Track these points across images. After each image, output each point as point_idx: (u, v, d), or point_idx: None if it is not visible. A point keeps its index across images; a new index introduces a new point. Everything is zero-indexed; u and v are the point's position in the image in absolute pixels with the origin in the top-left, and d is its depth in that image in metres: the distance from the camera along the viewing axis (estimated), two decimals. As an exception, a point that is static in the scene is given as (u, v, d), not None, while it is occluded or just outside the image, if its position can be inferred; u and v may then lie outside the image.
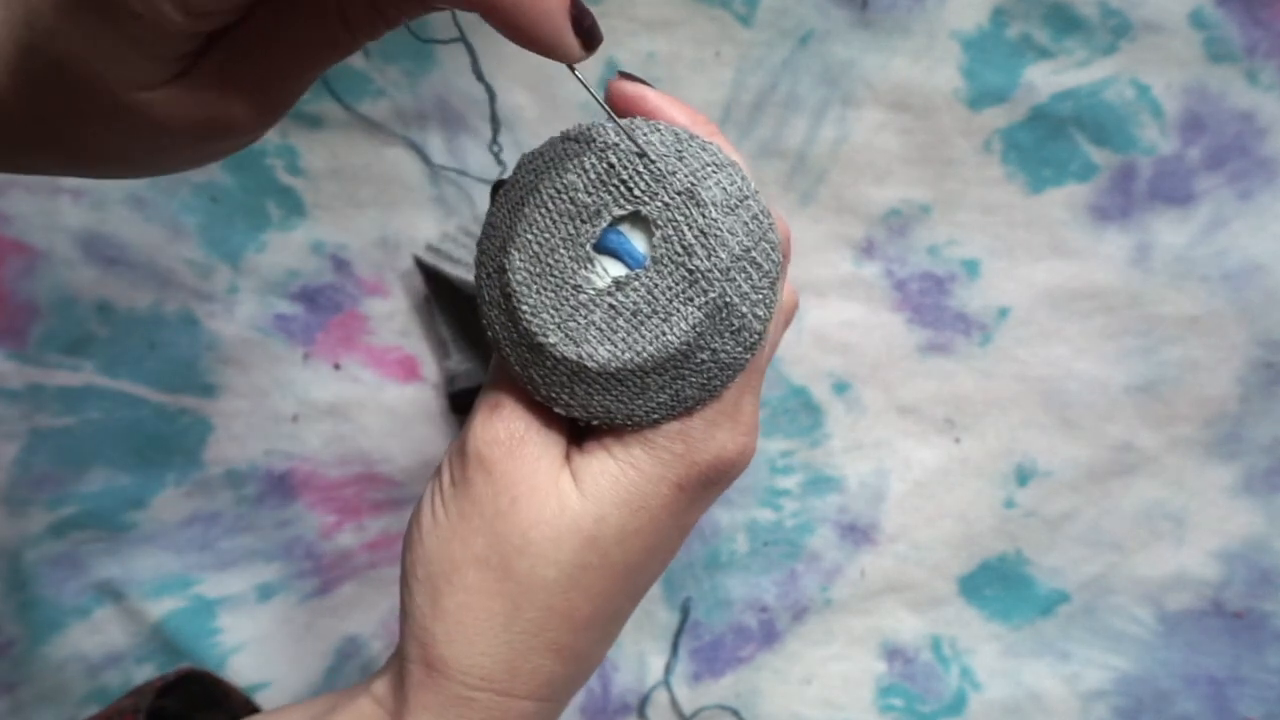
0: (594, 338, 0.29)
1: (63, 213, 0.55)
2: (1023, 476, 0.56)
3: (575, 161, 0.29)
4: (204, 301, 0.56)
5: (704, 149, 0.30)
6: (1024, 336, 0.56)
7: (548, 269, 0.29)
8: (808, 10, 0.55)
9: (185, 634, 0.55)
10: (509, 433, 0.30)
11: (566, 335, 0.29)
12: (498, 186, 0.32)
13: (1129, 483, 0.56)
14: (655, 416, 0.30)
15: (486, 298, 0.31)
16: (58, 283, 0.55)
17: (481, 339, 0.55)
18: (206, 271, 0.56)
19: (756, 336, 0.29)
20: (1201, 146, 0.55)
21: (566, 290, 0.29)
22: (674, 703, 0.56)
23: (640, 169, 0.29)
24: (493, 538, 0.30)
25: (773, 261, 0.29)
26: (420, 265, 0.55)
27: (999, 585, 0.56)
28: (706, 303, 0.29)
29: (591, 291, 0.29)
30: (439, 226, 0.56)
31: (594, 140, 0.29)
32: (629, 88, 0.31)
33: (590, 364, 0.29)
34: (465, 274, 0.54)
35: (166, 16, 0.25)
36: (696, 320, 0.29)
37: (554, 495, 0.30)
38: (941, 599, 0.56)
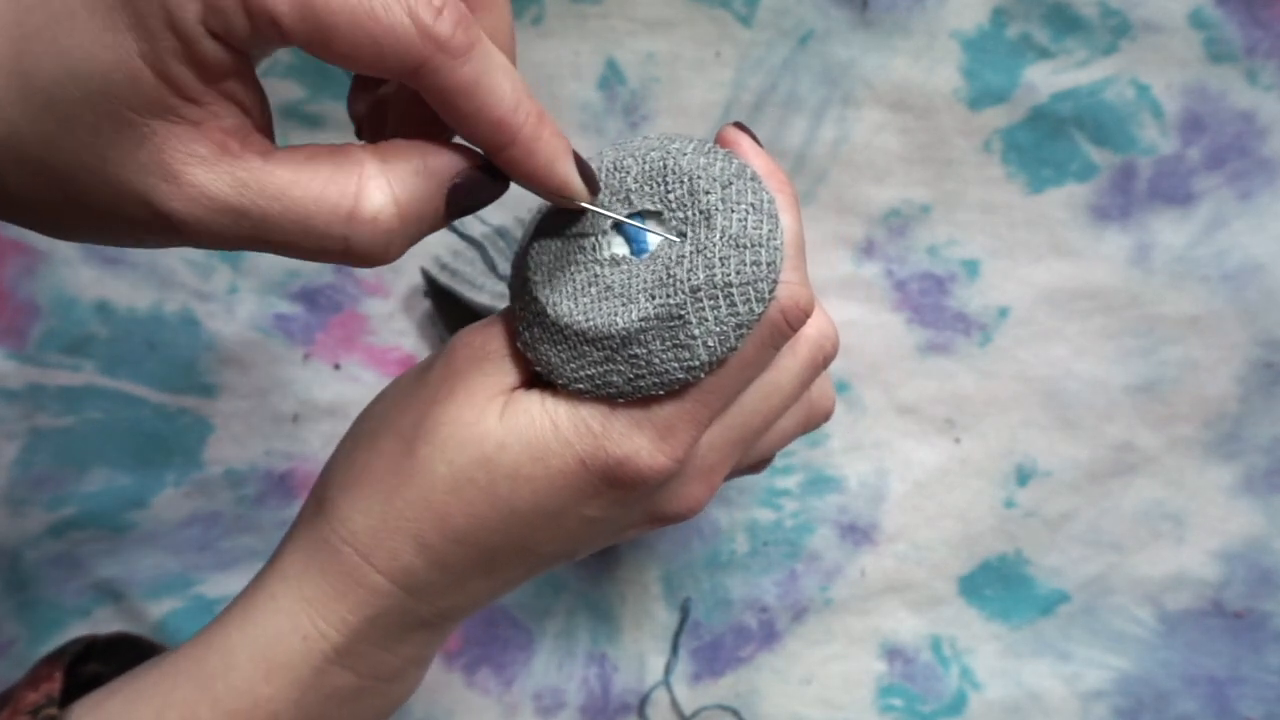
0: (565, 292, 0.32)
1: (63, 213, 0.55)
2: (1023, 476, 0.56)
3: (642, 153, 0.33)
4: (204, 301, 0.56)
5: (755, 193, 0.32)
6: (1024, 336, 0.56)
7: (570, 223, 0.33)
8: (808, 10, 0.55)
9: (185, 634, 0.55)
10: (483, 342, 0.33)
11: (548, 279, 0.33)
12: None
13: (1129, 483, 0.56)
14: (579, 386, 0.32)
15: (526, 228, 0.35)
16: (58, 283, 0.55)
17: None
18: (206, 271, 0.56)
19: (697, 364, 0.31)
20: (1201, 146, 0.55)
21: (573, 246, 0.33)
22: (674, 703, 0.56)
23: (684, 179, 0.32)
24: (419, 419, 0.33)
25: (750, 308, 0.31)
26: (428, 279, 0.55)
27: (999, 585, 0.56)
28: (662, 305, 0.31)
29: (590, 257, 0.32)
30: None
31: (669, 146, 0.33)
32: (731, 133, 0.34)
33: (550, 311, 0.32)
34: (475, 294, 0.53)
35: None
36: (646, 315, 0.31)
37: (479, 408, 0.32)
38: (941, 599, 0.56)
